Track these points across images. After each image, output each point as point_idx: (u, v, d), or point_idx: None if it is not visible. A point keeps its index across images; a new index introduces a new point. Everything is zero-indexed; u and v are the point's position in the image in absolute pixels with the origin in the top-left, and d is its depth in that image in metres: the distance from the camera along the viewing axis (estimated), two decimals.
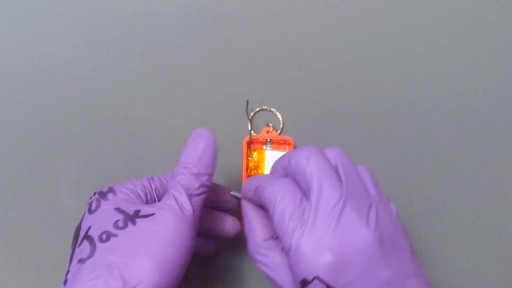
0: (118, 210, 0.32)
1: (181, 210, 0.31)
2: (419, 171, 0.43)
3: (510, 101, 0.44)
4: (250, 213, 0.35)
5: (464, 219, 0.42)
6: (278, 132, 0.43)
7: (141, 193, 0.34)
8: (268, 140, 0.42)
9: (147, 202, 0.34)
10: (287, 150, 0.42)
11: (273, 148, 0.42)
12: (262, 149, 0.42)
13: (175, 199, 0.32)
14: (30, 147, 0.43)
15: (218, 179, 0.42)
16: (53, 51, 0.45)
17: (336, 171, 0.31)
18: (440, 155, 0.44)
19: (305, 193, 0.31)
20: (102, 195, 0.33)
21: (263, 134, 0.43)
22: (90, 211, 0.32)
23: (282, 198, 0.30)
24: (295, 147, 0.42)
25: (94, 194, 0.33)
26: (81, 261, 0.29)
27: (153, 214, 0.31)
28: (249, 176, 0.41)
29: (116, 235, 0.30)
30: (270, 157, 0.41)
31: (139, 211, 0.31)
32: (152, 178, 0.36)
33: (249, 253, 0.34)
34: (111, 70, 0.45)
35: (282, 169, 0.33)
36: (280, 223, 0.30)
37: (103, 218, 0.31)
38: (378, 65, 0.45)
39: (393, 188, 0.42)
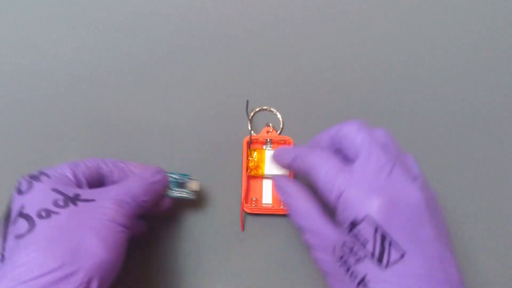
0: (56, 191, 0.31)
1: (120, 204, 0.32)
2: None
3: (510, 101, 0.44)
4: (296, 184, 0.36)
5: (465, 218, 0.42)
6: (278, 132, 0.43)
7: (79, 177, 0.34)
8: (268, 140, 0.42)
9: (87, 183, 0.34)
10: None
11: (273, 148, 0.42)
12: (262, 149, 0.42)
13: (118, 197, 0.33)
14: (30, 147, 0.43)
15: (218, 179, 0.42)
16: (53, 51, 0.45)
17: (384, 145, 0.32)
18: (440, 155, 0.43)
19: (351, 160, 0.32)
20: (34, 177, 0.32)
21: (263, 134, 0.43)
22: (20, 192, 0.31)
23: (326, 161, 0.32)
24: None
25: (22, 177, 0.32)
26: (19, 236, 0.29)
27: (93, 200, 0.32)
28: (249, 176, 0.41)
29: (57, 213, 0.30)
30: (270, 157, 0.41)
31: (79, 195, 0.32)
32: (104, 161, 0.36)
33: (295, 218, 0.34)
34: (111, 70, 0.45)
35: (328, 138, 0.34)
36: (327, 180, 0.31)
37: (39, 198, 0.31)
38: (378, 65, 0.45)
39: None
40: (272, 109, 0.44)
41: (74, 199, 0.31)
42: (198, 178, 0.42)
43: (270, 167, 0.41)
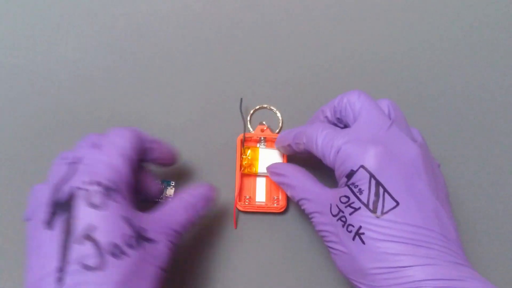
0: (128, 221, 0.29)
1: (171, 249, 0.32)
2: None
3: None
4: (289, 165, 0.37)
5: (466, 216, 0.41)
6: (277, 130, 0.43)
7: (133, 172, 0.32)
8: (262, 138, 0.42)
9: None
10: None
11: (266, 146, 0.42)
12: (256, 147, 0.41)
13: (172, 241, 0.32)
14: (30, 147, 0.43)
15: (212, 177, 0.42)
16: (53, 51, 0.46)
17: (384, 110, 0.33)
18: (439, 155, 0.43)
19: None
20: (108, 191, 0.29)
21: (257, 132, 0.42)
22: (92, 205, 0.28)
23: (324, 129, 0.33)
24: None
25: (92, 184, 0.29)
26: (87, 268, 0.27)
27: (154, 241, 0.30)
28: (242, 174, 0.41)
29: (128, 255, 0.28)
30: (264, 155, 0.41)
31: (144, 230, 0.30)
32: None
33: (292, 194, 0.36)
34: (111, 70, 0.45)
35: (330, 109, 0.35)
36: (325, 143, 0.32)
37: (111, 226, 0.28)
38: (378, 65, 0.45)
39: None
40: (272, 108, 0.43)
41: (141, 238, 0.29)
42: (192, 176, 0.42)
43: (263, 165, 0.40)
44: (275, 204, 0.40)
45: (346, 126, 0.35)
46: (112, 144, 0.32)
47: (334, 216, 0.31)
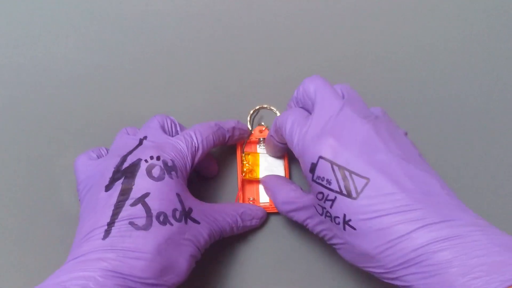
0: (179, 197, 0.32)
1: (211, 238, 0.35)
2: None
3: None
4: (272, 178, 0.39)
5: None
6: None
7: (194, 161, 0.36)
8: (261, 139, 0.42)
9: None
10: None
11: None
12: (256, 152, 0.42)
13: (214, 230, 0.35)
14: (30, 147, 0.43)
15: (215, 179, 0.42)
16: (53, 51, 0.45)
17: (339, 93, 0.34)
18: (439, 156, 0.43)
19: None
20: (167, 168, 0.33)
21: (255, 134, 0.43)
22: (151, 176, 0.32)
23: (290, 115, 0.34)
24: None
25: (155, 159, 0.33)
26: (134, 225, 0.30)
27: (198, 222, 0.33)
28: (244, 178, 0.41)
29: (172, 224, 0.31)
30: (264, 159, 0.42)
31: (191, 210, 0.33)
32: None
33: (280, 209, 0.37)
34: (111, 69, 0.45)
35: (294, 101, 0.36)
36: (290, 133, 0.33)
37: (164, 196, 0.32)
38: (378, 65, 0.45)
39: None
40: (272, 108, 0.44)
41: (187, 215, 0.33)
42: (192, 176, 0.42)
43: (264, 169, 0.41)
44: None
45: (309, 111, 0.35)
46: (183, 132, 0.37)
47: (321, 215, 0.32)
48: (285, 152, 0.41)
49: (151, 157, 0.33)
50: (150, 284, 0.29)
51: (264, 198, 0.41)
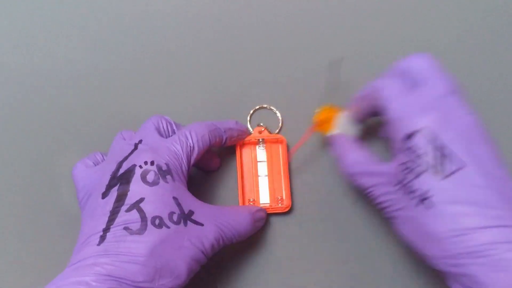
0: (176, 200, 0.33)
1: (218, 241, 0.34)
2: None
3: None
4: (344, 137, 0.37)
5: None
6: (277, 131, 0.43)
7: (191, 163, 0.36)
8: (261, 140, 0.42)
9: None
10: (279, 149, 0.42)
11: (265, 148, 0.42)
12: (336, 108, 0.40)
13: (220, 233, 0.34)
14: (30, 147, 0.43)
15: (213, 179, 0.42)
16: (53, 51, 0.45)
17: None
18: None
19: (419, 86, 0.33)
20: (162, 172, 0.33)
21: (255, 134, 0.42)
22: (146, 181, 0.32)
23: (391, 80, 0.34)
24: (288, 146, 0.42)
25: (149, 164, 0.33)
26: (128, 230, 0.30)
27: (201, 224, 0.33)
28: (243, 176, 0.41)
29: (168, 227, 0.31)
30: (341, 120, 0.39)
31: (192, 213, 0.33)
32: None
33: (348, 169, 0.35)
34: (111, 69, 0.45)
35: (395, 71, 0.35)
36: (389, 95, 0.33)
37: (159, 200, 0.32)
38: (378, 65, 0.44)
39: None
40: (272, 108, 0.44)
41: (186, 218, 0.32)
42: (193, 176, 0.42)
43: (337, 129, 0.39)
44: (279, 204, 0.40)
45: (413, 83, 0.34)
46: (179, 132, 0.36)
47: (395, 185, 0.31)
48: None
49: (145, 163, 0.33)
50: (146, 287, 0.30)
51: (264, 199, 0.41)
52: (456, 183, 0.28)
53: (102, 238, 0.30)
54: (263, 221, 0.39)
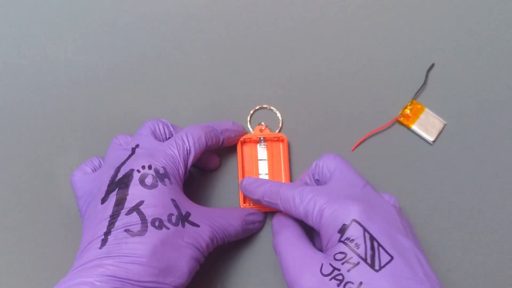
0: (174, 202, 0.33)
1: (213, 241, 0.35)
2: (419, 170, 0.42)
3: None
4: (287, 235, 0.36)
5: (467, 217, 0.42)
6: (277, 130, 0.43)
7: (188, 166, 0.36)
8: (262, 139, 0.42)
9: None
10: (280, 147, 0.42)
11: (267, 147, 0.42)
12: (423, 107, 0.43)
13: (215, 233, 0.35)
14: (30, 147, 0.43)
15: (214, 179, 0.42)
16: (53, 52, 0.45)
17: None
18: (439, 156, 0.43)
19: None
20: (159, 176, 0.33)
21: (256, 133, 0.43)
22: (144, 185, 0.33)
23: (297, 187, 0.34)
24: (288, 144, 0.42)
25: (147, 168, 0.33)
26: (129, 232, 0.31)
27: (198, 226, 0.34)
28: (243, 176, 0.41)
29: (168, 228, 0.32)
30: (426, 118, 0.43)
31: (189, 214, 0.34)
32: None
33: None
34: (111, 70, 0.45)
35: (307, 175, 0.37)
36: (306, 202, 0.33)
37: (158, 203, 0.32)
38: (378, 66, 0.45)
39: (391, 188, 0.42)
40: (272, 108, 0.44)
41: (184, 219, 0.33)
42: (193, 176, 0.42)
43: (419, 125, 0.42)
44: None
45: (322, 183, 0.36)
46: (176, 135, 0.37)
47: (325, 276, 0.30)
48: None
49: (143, 167, 0.34)
50: (149, 287, 0.30)
51: None
52: (387, 275, 0.29)
53: (104, 241, 0.31)
54: (260, 223, 0.40)
